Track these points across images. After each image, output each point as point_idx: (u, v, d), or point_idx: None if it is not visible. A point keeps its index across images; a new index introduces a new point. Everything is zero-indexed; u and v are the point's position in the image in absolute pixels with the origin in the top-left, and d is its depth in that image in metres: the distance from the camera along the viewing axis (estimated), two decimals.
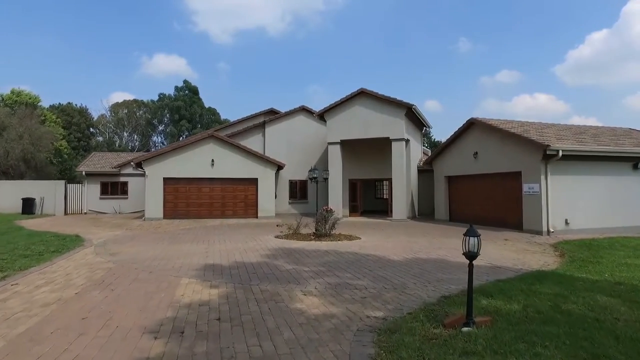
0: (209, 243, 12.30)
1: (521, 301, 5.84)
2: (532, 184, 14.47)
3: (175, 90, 63.58)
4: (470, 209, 18.30)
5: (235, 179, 22.28)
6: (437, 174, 20.63)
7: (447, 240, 13.31)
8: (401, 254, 10.28)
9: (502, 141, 16.03)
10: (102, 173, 26.60)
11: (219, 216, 22.05)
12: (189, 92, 63.43)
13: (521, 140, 14.82)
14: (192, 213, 21.81)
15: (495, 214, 16.72)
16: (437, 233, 15.29)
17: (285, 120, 25.52)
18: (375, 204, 27.46)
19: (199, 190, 22.06)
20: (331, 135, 21.76)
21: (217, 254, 10.05)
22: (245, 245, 11.87)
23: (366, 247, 11.58)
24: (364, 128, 20.98)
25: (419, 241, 13.02)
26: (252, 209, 22.44)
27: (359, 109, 21.25)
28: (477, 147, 17.51)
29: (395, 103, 20.32)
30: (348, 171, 23.15)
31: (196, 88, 63.94)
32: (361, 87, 21.03)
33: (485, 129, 17.14)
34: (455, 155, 19.13)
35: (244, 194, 22.53)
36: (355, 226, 17.94)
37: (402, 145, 20.43)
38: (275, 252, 10.59)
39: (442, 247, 11.61)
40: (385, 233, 15.42)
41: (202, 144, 21.94)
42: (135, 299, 5.88)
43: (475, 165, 17.66)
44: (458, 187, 19.28)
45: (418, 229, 16.68)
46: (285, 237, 13.56)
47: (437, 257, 9.98)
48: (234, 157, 22.19)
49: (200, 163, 21.76)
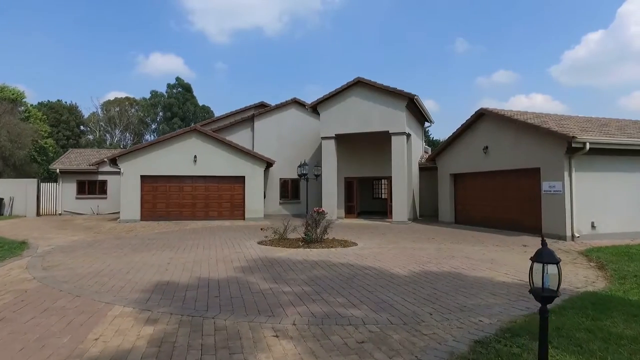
0: (178, 251, 10.39)
1: (601, 354, 3.91)
2: (553, 182, 12.64)
3: (168, 87, 61.65)
4: (479, 210, 16.46)
5: (220, 177, 20.37)
6: (441, 171, 18.78)
7: (457, 246, 11.46)
8: (406, 266, 8.42)
9: (517, 134, 14.19)
10: (79, 171, 24.60)
11: (203, 218, 20.13)
12: (182, 89, 61.56)
13: (541, 131, 12.98)
14: (173, 214, 19.88)
15: (508, 215, 14.88)
16: (444, 238, 13.44)
17: (275, 113, 23.62)
18: (373, 205, 25.60)
19: (181, 190, 20.13)
20: (325, 129, 19.87)
21: (179, 267, 8.14)
22: (220, 253, 9.97)
23: (364, 256, 9.72)
24: (361, 121, 19.12)
25: (425, 248, 11.17)
26: (239, 210, 20.54)
27: (355, 101, 19.38)
28: (488, 141, 15.67)
29: (396, 94, 18.46)
30: (344, 169, 21.27)
31: (189, 85, 62.08)
32: (358, 76, 19.18)
33: (497, 121, 15.31)
34: (462, 150, 17.29)
35: (230, 193, 20.61)
36: (351, 229, 16.07)
37: (402, 140, 18.57)
38: (254, 263, 8.71)
39: (454, 256, 9.75)
40: (385, 238, 13.56)
41: (183, 139, 20.01)
42: (15, 350, 3.96)
43: (485, 162, 15.83)
44: (465, 186, 17.44)
45: (422, 233, 14.82)
46: (269, 244, 11.68)
47: (451, 269, 8.12)
48: (219, 153, 20.28)
49: (181, 159, 19.83)
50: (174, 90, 61.93)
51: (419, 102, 18.85)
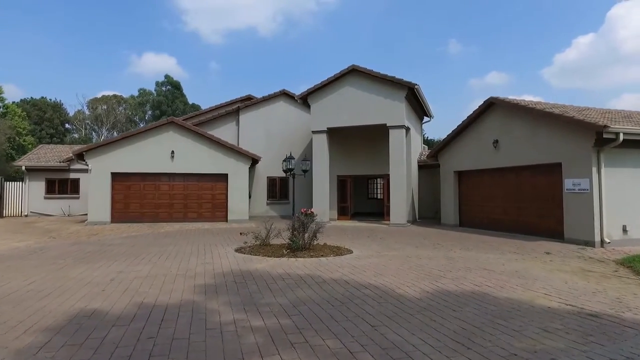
0: (135, 261, 8.52)
1: None
2: (578, 179, 10.95)
3: (157, 85, 59.81)
4: (487, 211, 14.76)
5: (200, 174, 18.49)
6: (444, 168, 17.06)
7: (470, 254, 9.72)
8: (416, 283, 6.64)
9: (533, 125, 12.50)
10: (48, 168, 22.52)
11: (181, 219, 18.24)
12: (171, 87, 59.69)
13: (563, 121, 11.29)
14: (148, 216, 17.95)
15: (521, 218, 13.19)
16: (451, 243, 11.71)
17: (263, 106, 21.77)
18: (369, 206, 23.86)
19: (156, 188, 18.20)
20: (316, 123, 18.08)
21: (122, 286, 6.29)
22: (185, 265, 8.12)
23: (361, 268, 7.93)
24: (356, 113, 17.35)
25: (432, 257, 9.41)
26: (221, 211, 18.66)
27: (349, 91, 17.61)
28: (498, 134, 13.97)
29: (394, 83, 16.72)
30: (336, 166, 19.49)
31: (179, 83, 60.29)
32: (352, 64, 17.41)
33: (509, 111, 13.60)
34: (468, 145, 15.59)
35: (211, 192, 18.73)
36: (345, 233, 14.28)
37: (401, 134, 16.84)
38: (223, 279, 6.87)
39: (470, 268, 8.00)
40: (384, 243, 11.80)
41: (159, 132, 18.09)
42: None
43: (495, 157, 14.13)
44: (471, 185, 15.73)
45: (425, 238, 13.07)
46: (248, 251, 9.86)
47: (473, 288, 6.35)
48: (199, 148, 18.39)
49: (157, 155, 17.91)
50: (163, 88, 60.00)
51: (419, 93, 17.13)
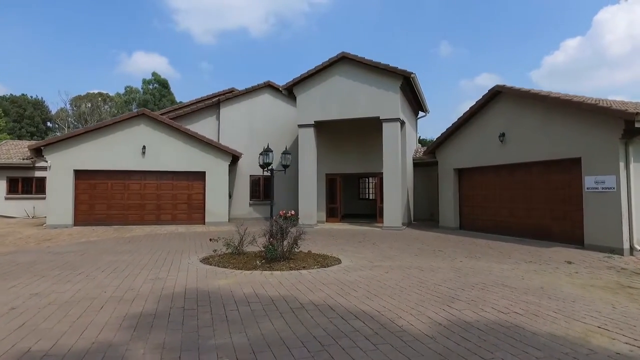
0: (66, 278, 6.83)
1: None
2: (602, 177, 9.49)
3: (144, 83, 57.94)
4: (491, 213, 13.27)
5: (175, 172, 16.79)
6: (442, 166, 15.55)
7: (479, 265, 8.18)
8: (422, 310, 5.06)
9: (547, 115, 11.03)
10: (10, 166, 20.61)
11: (153, 222, 16.52)
12: (158, 85, 57.83)
13: (584, 110, 9.82)
14: (116, 218, 16.19)
15: (532, 220, 11.72)
16: (454, 250, 10.18)
17: (245, 99, 20.09)
18: (360, 207, 22.30)
19: (126, 188, 16.45)
20: (302, 116, 16.48)
21: (21, 318, 4.62)
22: (129, 282, 6.45)
23: (351, 285, 6.33)
24: (347, 105, 15.78)
25: (436, 268, 7.86)
26: (199, 213, 16.97)
27: (339, 81, 16.04)
28: (505, 127, 12.49)
29: (388, 71, 15.19)
30: (325, 163, 17.91)
31: (166, 81, 58.52)
32: (342, 51, 15.84)
33: (518, 100, 12.12)
34: (471, 139, 14.09)
35: (187, 192, 17.02)
36: (333, 238, 12.70)
37: (396, 128, 15.29)
38: (170, 304, 5.23)
39: (485, 284, 6.45)
40: (378, 250, 10.23)
41: (129, 126, 16.34)
42: None
43: (500, 152, 12.65)
44: (473, 184, 14.23)
45: (424, 243, 11.54)
46: (216, 262, 8.21)
47: (500, 316, 4.79)
48: (174, 143, 16.68)
49: (126, 150, 16.18)
50: (150, 86, 58.11)
51: (415, 83, 15.61)
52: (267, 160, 8.90)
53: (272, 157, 9.18)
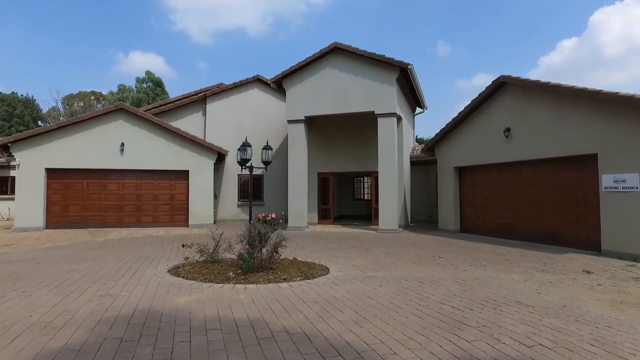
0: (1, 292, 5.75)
1: None
2: (622, 175, 8.48)
3: (137, 81, 56.70)
4: (495, 215, 12.26)
5: (156, 171, 15.70)
6: (442, 164, 14.53)
7: (485, 274, 7.15)
8: (423, 340, 4.01)
9: (558, 108, 10.01)
10: None
11: (133, 224, 15.42)
12: (152, 84, 56.65)
13: (602, 100, 8.80)
14: (92, 220, 15.08)
15: (540, 223, 10.71)
16: (456, 257, 9.16)
17: (234, 94, 19.01)
18: (355, 208, 21.25)
19: (103, 188, 15.34)
20: (292, 111, 15.42)
21: None
22: (70, 300, 5.37)
23: (336, 304, 5.28)
24: (339, 99, 14.74)
25: (437, 279, 6.82)
26: (182, 214, 15.88)
27: (332, 73, 14.99)
28: (511, 121, 11.47)
29: (384, 63, 14.15)
30: (317, 162, 16.87)
31: (160, 80, 57.32)
32: (335, 42, 14.79)
33: (526, 92, 11.10)
34: (473, 135, 13.08)
35: (170, 192, 15.93)
36: (324, 242, 11.67)
37: (392, 123, 14.26)
38: (105, 333, 4.16)
39: (497, 300, 5.42)
40: (371, 257, 9.19)
41: (106, 121, 15.23)
42: None
43: (506, 149, 11.63)
44: (475, 183, 13.21)
45: (422, 248, 10.50)
46: (185, 273, 7.14)
47: (522, 351, 3.74)
48: (155, 140, 15.59)
49: (104, 148, 15.07)
50: (144, 84, 56.92)
51: (412, 75, 14.57)
52: (244, 156, 7.86)
53: (250, 153, 8.14)
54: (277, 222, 7.41)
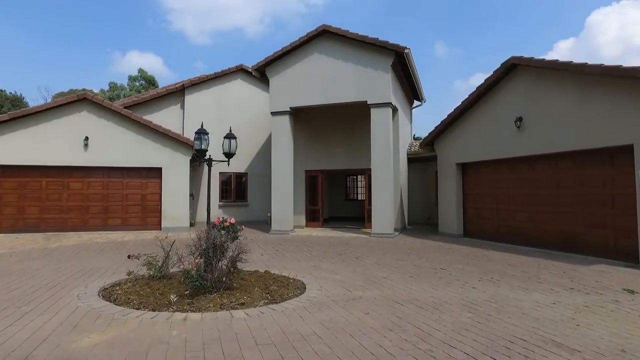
0: None
1: None
2: None
3: (129, 80, 55.07)
4: (503, 217, 10.74)
5: (126, 168, 14.10)
6: (443, 160, 13.00)
7: (502, 294, 5.62)
8: None
9: (582, 92, 8.50)
10: None
11: (99, 227, 13.82)
12: (144, 82, 55.04)
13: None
14: (52, 223, 13.48)
15: (558, 227, 9.19)
16: (462, 268, 7.63)
17: (215, 85, 17.44)
18: (348, 209, 19.70)
19: (65, 187, 13.73)
20: (276, 101, 13.87)
21: None
22: None
23: (302, 348, 3.73)
24: (328, 88, 13.20)
25: (440, 302, 5.30)
26: (154, 217, 14.28)
27: (320, 60, 13.45)
28: (523, 109, 9.95)
29: (378, 47, 12.62)
30: (304, 158, 15.32)
31: (153, 78, 55.65)
32: (323, 24, 13.25)
33: (541, 75, 9.57)
34: (478, 127, 11.56)
35: (141, 192, 14.34)
36: (308, 248, 10.14)
37: (386, 115, 12.73)
38: None
39: (526, 340, 3.91)
40: (361, 268, 7.66)
41: (68, 112, 13.63)
42: None
43: (517, 142, 10.11)
44: (481, 181, 11.69)
45: (421, 257, 8.96)
46: (120, 294, 5.61)
47: None
48: (124, 134, 14.00)
49: (65, 142, 13.47)
50: (136, 82, 55.34)
51: (409, 61, 13.04)
52: (200, 146, 6.30)
53: (207, 143, 6.57)
54: (237, 228, 5.85)
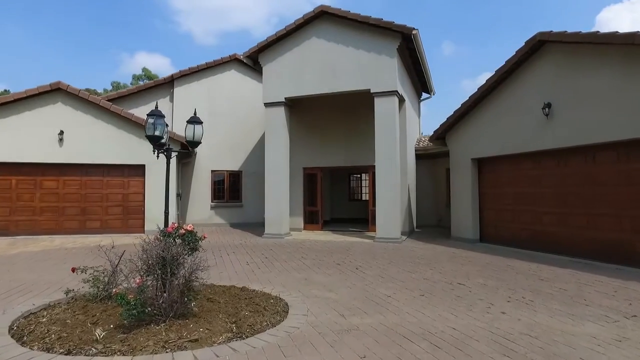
0: None
1: None
2: None
3: (133, 79, 54.19)
4: (527, 220, 9.30)
5: (106, 165, 12.86)
6: (456, 155, 11.58)
7: (540, 322, 4.25)
8: None
9: (628, 68, 7.04)
10: None
11: (76, 230, 12.61)
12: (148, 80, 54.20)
13: None
14: (23, 225, 12.28)
15: (597, 233, 7.74)
16: (483, 283, 6.24)
17: (206, 76, 16.13)
18: (351, 210, 18.30)
19: (38, 186, 12.51)
20: (270, 91, 12.54)
21: None
22: None
23: None
24: (327, 76, 11.84)
25: (462, 335, 3.93)
26: (137, 218, 13.03)
27: (318, 45, 12.10)
28: (552, 94, 8.51)
29: (382, 28, 11.25)
30: (302, 155, 13.97)
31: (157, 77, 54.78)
32: (321, 5, 11.89)
33: (575, 52, 8.12)
34: (496, 117, 10.12)
35: (122, 192, 13.09)
36: (303, 255, 8.79)
37: (392, 105, 11.34)
38: None
39: None
40: (361, 283, 6.30)
41: (40, 104, 12.39)
42: None
43: (544, 132, 8.67)
44: (500, 179, 10.25)
45: (433, 268, 7.56)
46: (38, 325, 4.26)
47: None
48: (104, 128, 12.75)
49: (37, 137, 12.26)
50: (140, 82, 54.50)
51: (417, 45, 11.62)
52: (153, 132, 4.96)
53: (162, 129, 5.22)
54: (196, 237, 4.51)
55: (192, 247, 4.50)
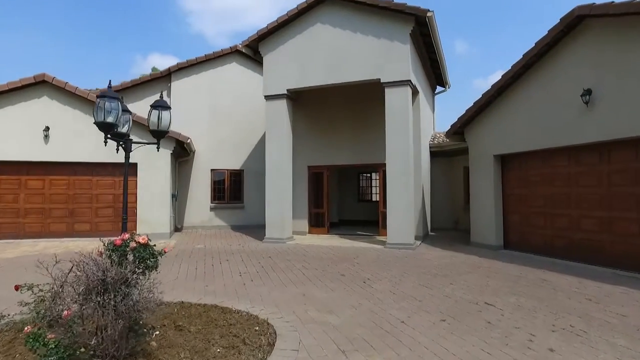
0: None
1: None
2: None
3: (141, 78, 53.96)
4: (562, 225, 8.10)
5: (95, 164, 11.95)
6: (476, 151, 10.39)
7: None
8: None
9: None
10: None
11: (63, 233, 11.73)
12: None
13: None
14: (6, 228, 11.44)
15: None
16: (517, 305, 5.11)
17: (206, 69, 15.15)
18: (360, 211, 17.17)
19: (22, 186, 11.65)
20: (271, 83, 11.50)
21: None
22: None
23: None
24: (334, 66, 10.76)
25: None
26: (129, 220, 12.00)
27: (323, 31, 11.02)
28: (593, 79, 7.31)
29: (393, 11, 10.12)
30: (307, 152, 12.90)
31: None
32: None
33: (622, 27, 6.91)
34: (523, 108, 8.92)
35: (113, 192, 12.17)
36: (304, 264, 7.72)
37: (405, 95, 10.20)
38: None
39: None
40: (369, 302, 5.23)
41: (24, 97, 11.52)
42: None
43: (584, 123, 7.47)
44: (528, 178, 9.04)
45: (453, 282, 6.43)
46: None
47: None
48: (93, 124, 11.78)
49: (21, 133, 11.40)
50: None
51: (432, 29, 10.47)
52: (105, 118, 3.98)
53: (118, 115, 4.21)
54: (154, 251, 3.48)
55: (147, 265, 3.47)
